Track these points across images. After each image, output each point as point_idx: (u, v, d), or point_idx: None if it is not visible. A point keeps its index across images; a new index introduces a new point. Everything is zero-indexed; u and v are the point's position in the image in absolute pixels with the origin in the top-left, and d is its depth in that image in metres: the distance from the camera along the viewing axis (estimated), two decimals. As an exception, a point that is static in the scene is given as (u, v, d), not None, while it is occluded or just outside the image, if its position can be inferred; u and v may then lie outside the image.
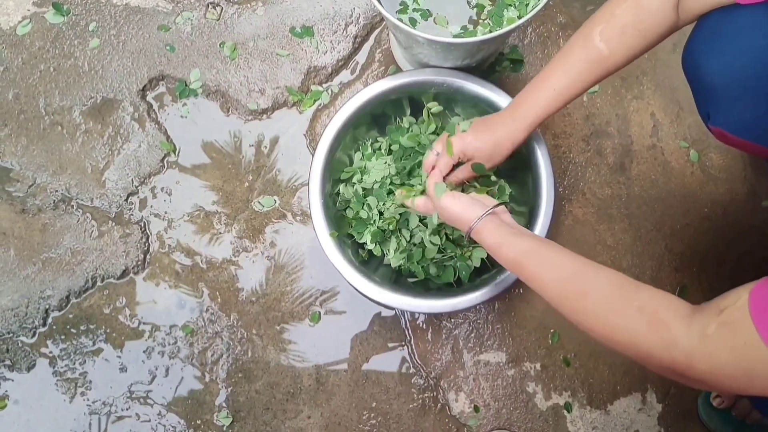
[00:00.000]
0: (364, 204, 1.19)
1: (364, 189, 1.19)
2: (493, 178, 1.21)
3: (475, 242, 1.00)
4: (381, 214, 1.19)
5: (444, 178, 1.08)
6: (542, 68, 0.98)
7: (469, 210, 0.97)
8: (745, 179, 1.33)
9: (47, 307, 1.28)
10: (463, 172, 1.07)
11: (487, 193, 1.09)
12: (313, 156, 1.17)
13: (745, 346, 0.64)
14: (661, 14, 0.87)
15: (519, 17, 1.12)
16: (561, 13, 1.39)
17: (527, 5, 1.12)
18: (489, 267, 1.21)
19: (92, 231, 1.31)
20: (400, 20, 1.04)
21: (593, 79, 0.94)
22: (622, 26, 0.89)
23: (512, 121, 1.00)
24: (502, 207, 1.00)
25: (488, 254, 1.19)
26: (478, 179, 1.11)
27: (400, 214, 1.18)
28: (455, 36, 1.15)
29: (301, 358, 1.28)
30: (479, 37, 1.02)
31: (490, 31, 1.09)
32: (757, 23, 0.88)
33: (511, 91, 1.34)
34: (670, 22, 0.88)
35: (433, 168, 1.08)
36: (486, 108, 1.20)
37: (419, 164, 1.19)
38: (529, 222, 1.18)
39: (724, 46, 0.92)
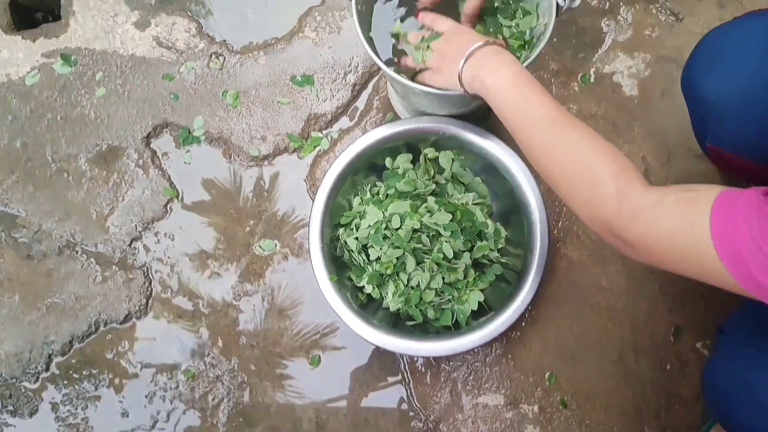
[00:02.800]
0: (361, 251, 1.22)
1: (359, 238, 1.22)
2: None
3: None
4: (378, 258, 1.22)
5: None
6: None
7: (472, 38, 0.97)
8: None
9: (50, 352, 1.29)
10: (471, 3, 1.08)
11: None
12: (313, 202, 1.21)
13: (691, 227, 0.68)
14: None
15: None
16: (553, 60, 1.43)
17: (519, 57, 1.16)
18: (486, 310, 1.23)
19: (96, 276, 1.33)
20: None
21: None
22: None
23: None
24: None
25: (485, 299, 1.23)
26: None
27: (396, 258, 1.20)
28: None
29: (301, 400, 1.29)
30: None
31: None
32: (756, 42, 0.92)
33: (506, 135, 1.38)
34: None
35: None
36: (479, 153, 1.23)
37: (414, 207, 1.22)
38: (525, 264, 1.21)
39: (724, 63, 0.96)
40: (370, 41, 1.18)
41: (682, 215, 0.70)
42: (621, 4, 1.46)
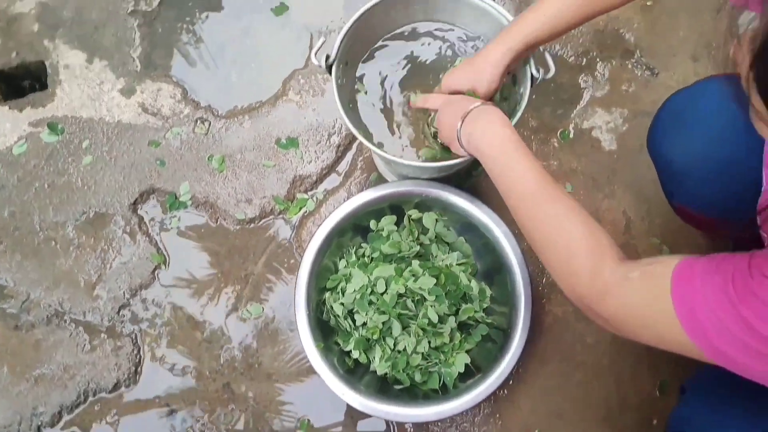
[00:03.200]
0: (347, 317, 1.23)
1: (345, 304, 1.23)
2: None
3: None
4: (364, 324, 1.23)
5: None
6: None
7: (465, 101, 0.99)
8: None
9: (39, 423, 1.29)
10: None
11: None
12: (298, 268, 1.22)
13: (655, 300, 0.70)
14: None
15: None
16: (532, 118, 1.46)
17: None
18: (474, 372, 1.24)
19: (84, 345, 1.34)
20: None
21: (586, 13, 0.96)
22: None
23: (495, 45, 1.01)
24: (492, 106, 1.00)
25: (471, 359, 1.25)
26: None
27: (383, 323, 1.22)
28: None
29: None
30: (449, 162, 1.09)
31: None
32: (713, 109, 0.96)
33: (487, 195, 1.40)
34: None
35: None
36: (462, 214, 1.25)
37: (398, 271, 1.23)
38: (510, 323, 1.22)
39: (683, 130, 0.99)
40: (353, 112, 1.21)
41: (646, 289, 0.73)
42: (597, 60, 1.50)
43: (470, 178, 1.42)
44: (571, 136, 1.46)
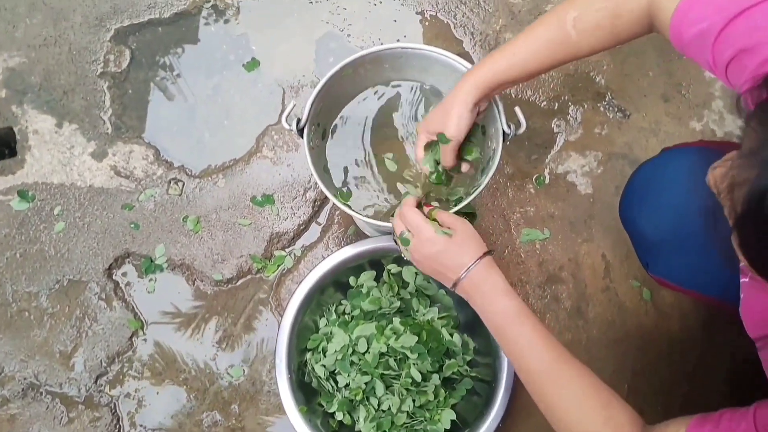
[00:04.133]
0: (329, 378, 1.22)
1: (326, 365, 1.22)
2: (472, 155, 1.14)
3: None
4: (347, 385, 1.21)
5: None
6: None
7: (454, 256, 0.93)
8: (698, 314, 1.39)
9: (17, 504, 1.26)
10: (443, 154, 1.06)
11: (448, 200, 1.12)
12: (278, 332, 1.20)
13: None
14: (635, 25, 0.88)
15: (466, 194, 1.18)
16: (507, 164, 1.47)
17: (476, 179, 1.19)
18: (460, 427, 1.23)
19: (62, 417, 1.30)
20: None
21: (552, 60, 0.95)
22: (597, 22, 0.89)
23: (461, 83, 0.98)
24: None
25: (457, 413, 1.23)
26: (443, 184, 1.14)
27: (365, 384, 1.20)
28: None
29: None
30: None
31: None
32: (679, 181, 0.95)
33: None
34: (645, 30, 0.89)
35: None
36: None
37: (380, 329, 1.22)
38: (495, 374, 1.21)
39: (651, 203, 0.99)
40: (326, 173, 1.21)
41: None
42: (569, 104, 1.51)
43: (448, 228, 1.41)
44: (547, 181, 1.46)
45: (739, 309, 0.81)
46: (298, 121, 1.09)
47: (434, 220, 0.98)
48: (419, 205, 1.01)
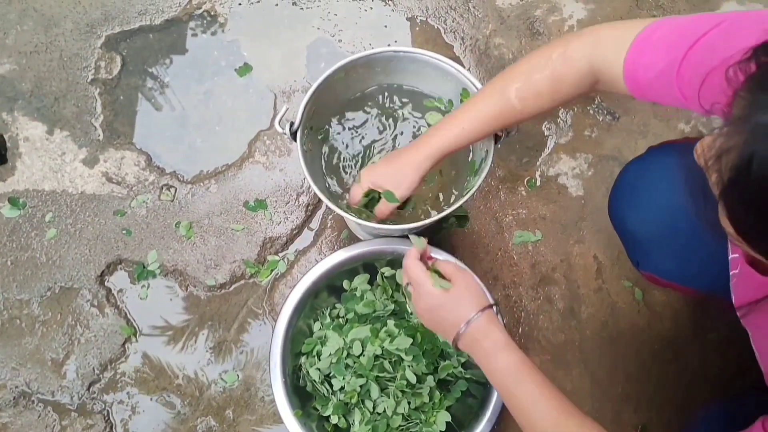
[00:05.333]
0: (324, 382, 1.22)
1: (320, 369, 1.22)
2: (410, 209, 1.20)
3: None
4: (342, 388, 1.21)
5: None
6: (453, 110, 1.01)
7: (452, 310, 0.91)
8: (690, 313, 1.40)
9: None
10: (381, 206, 1.08)
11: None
12: (272, 336, 1.20)
13: None
14: (576, 87, 0.90)
15: (459, 197, 1.19)
16: (499, 167, 1.47)
17: (467, 182, 1.20)
18: (456, 429, 1.23)
19: (54, 425, 1.29)
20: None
21: (500, 126, 0.99)
22: (538, 91, 0.92)
23: (416, 151, 1.01)
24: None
25: (452, 415, 1.23)
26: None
27: (360, 386, 1.20)
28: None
29: None
30: (418, 224, 1.09)
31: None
32: (666, 178, 0.96)
33: (458, 245, 1.41)
34: (586, 90, 0.91)
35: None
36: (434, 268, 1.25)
37: (374, 332, 1.22)
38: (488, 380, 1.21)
39: (639, 201, 1.00)
40: (319, 176, 1.21)
41: None
42: (559, 107, 1.52)
43: (441, 230, 1.42)
44: (538, 183, 1.47)
45: (730, 284, 0.81)
46: (291, 124, 1.10)
47: (436, 271, 0.96)
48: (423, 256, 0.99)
